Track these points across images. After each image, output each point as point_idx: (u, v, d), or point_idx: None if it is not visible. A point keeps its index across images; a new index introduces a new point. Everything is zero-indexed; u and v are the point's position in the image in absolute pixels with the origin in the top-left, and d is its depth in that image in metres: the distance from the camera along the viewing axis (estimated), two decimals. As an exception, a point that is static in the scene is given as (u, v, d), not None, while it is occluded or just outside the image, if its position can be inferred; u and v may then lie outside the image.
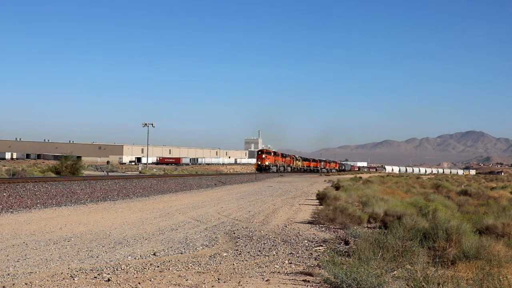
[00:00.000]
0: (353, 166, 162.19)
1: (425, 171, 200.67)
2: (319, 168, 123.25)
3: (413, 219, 11.91)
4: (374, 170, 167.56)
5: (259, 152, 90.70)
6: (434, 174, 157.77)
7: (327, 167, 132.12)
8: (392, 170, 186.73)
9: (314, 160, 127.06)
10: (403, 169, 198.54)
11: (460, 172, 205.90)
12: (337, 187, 33.06)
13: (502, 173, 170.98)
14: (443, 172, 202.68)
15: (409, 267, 7.58)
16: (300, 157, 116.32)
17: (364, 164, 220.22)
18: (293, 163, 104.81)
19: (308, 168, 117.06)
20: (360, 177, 61.12)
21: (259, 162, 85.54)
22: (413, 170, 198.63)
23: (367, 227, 14.40)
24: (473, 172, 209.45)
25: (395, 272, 7.60)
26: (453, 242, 9.54)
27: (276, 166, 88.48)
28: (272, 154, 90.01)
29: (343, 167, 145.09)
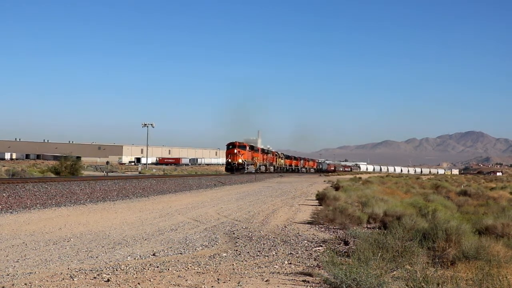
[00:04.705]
0: (329, 165, 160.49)
1: (401, 170, 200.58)
2: (299, 167, 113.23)
3: (412, 220, 11.89)
4: (349, 169, 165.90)
5: (230, 146, 65.27)
6: (415, 174, 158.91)
7: (306, 165, 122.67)
8: (367, 169, 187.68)
9: (295, 158, 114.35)
10: (377, 168, 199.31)
11: (441, 171, 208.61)
12: (336, 188, 33.08)
13: (501, 173, 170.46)
14: (421, 171, 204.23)
15: (409, 267, 7.58)
16: (283, 154, 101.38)
17: (364, 163, 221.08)
18: (276, 161, 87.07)
19: (290, 167, 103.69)
20: (360, 178, 61.17)
21: (230, 160, 63.83)
22: (387, 169, 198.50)
23: (366, 227, 14.39)
24: (455, 171, 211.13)
25: (394, 272, 7.61)
26: (453, 243, 9.54)
27: (255, 164, 67.85)
28: (248, 148, 66.63)
29: (320, 166, 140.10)
